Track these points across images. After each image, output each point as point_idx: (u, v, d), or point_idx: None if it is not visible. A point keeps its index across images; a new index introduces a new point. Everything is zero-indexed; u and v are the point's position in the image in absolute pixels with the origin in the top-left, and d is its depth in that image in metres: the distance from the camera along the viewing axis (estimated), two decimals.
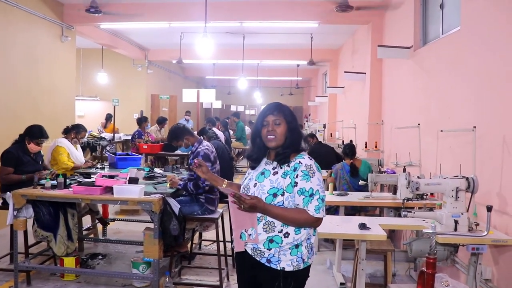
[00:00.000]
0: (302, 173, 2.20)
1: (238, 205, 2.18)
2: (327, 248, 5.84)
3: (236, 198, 2.18)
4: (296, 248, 2.23)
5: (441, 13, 5.24)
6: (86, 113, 12.97)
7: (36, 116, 6.94)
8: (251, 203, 2.16)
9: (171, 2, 7.66)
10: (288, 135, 2.30)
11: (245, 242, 2.28)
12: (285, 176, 2.23)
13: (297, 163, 2.23)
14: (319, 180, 2.22)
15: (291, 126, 2.33)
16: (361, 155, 7.59)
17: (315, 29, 9.14)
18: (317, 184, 2.20)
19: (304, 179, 2.19)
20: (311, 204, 2.18)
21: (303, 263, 2.24)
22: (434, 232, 2.74)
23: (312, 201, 2.18)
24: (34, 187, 4.25)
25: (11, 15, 6.56)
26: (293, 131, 2.32)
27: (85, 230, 5.69)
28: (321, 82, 15.67)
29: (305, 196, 2.18)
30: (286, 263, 2.21)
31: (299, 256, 2.23)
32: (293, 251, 2.22)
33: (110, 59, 12.42)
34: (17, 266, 4.15)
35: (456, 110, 4.54)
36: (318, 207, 2.18)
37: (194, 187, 4.30)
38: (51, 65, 7.74)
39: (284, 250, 2.22)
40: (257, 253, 2.25)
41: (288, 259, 2.21)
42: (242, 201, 2.16)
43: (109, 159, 5.95)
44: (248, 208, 2.17)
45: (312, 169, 2.22)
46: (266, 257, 2.23)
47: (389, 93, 7.08)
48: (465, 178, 3.43)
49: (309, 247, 2.28)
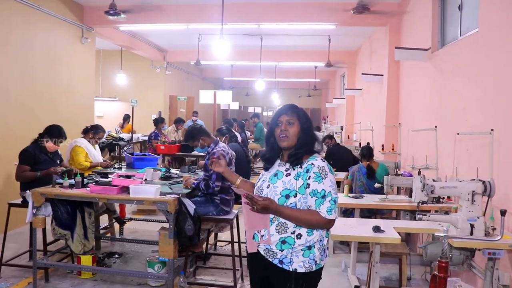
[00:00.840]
0: (314, 175, 2.21)
1: (251, 206, 2.20)
2: (342, 251, 5.81)
3: (248, 199, 2.20)
4: (309, 249, 2.23)
5: (460, 14, 5.17)
6: (105, 114, 13.15)
7: (55, 116, 7.07)
8: (263, 204, 2.18)
9: (189, 4, 7.73)
10: (300, 135, 2.31)
11: (258, 243, 2.29)
12: (298, 178, 2.24)
13: (310, 164, 2.24)
14: (331, 182, 2.22)
15: (304, 127, 2.33)
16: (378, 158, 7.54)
17: (332, 31, 9.10)
18: (329, 185, 2.20)
19: (316, 180, 2.20)
20: (323, 206, 2.19)
21: (316, 264, 2.25)
22: (446, 236, 2.71)
23: (324, 203, 2.19)
24: (53, 186, 4.35)
25: (32, 17, 6.71)
26: (306, 132, 2.33)
27: (102, 229, 5.78)
28: (339, 84, 15.60)
29: (317, 198, 2.19)
30: (298, 264, 2.22)
31: (311, 258, 2.23)
32: (305, 253, 2.23)
33: (129, 60, 12.57)
34: (36, 263, 4.25)
35: (474, 112, 4.47)
36: (330, 208, 2.18)
37: (205, 187, 4.37)
38: (70, 66, 7.88)
39: (297, 251, 2.22)
40: (270, 254, 2.27)
41: (300, 260, 2.22)
42: (254, 202, 2.18)
43: (127, 159, 6.03)
44: (260, 209, 2.19)
45: (324, 170, 2.22)
46: (279, 258, 2.24)
47: (406, 95, 7.01)
48: (482, 182, 3.38)
49: (321, 249, 2.28)
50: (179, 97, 13.69)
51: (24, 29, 6.56)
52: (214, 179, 4.32)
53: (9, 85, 6.27)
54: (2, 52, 6.14)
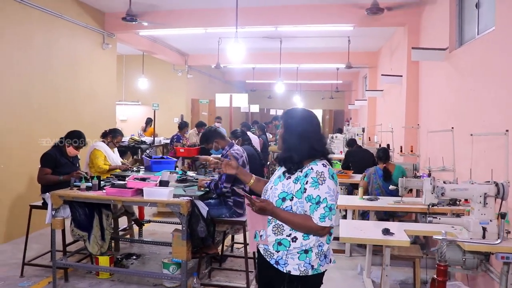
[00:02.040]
0: (311, 180, 2.20)
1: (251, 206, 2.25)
2: (359, 254, 5.76)
3: (248, 200, 2.24)
4: (305, 253, 2.23)
5: (477, 12, 5.07)
6: (128, 118, 13.40)
7: (77, 121, 7.27)
8: (260, 206, 2.22)
9: (206, 8, 7.81)
10: (284, 137, 2.35)
11: (258, 243, 2.33)
12: (296, 182, 2.25)
13: (309, 169, 2.23)
14: (328, 188, 2.19)
15: (289, 130, 2.34)
16: (397, 160, 7.45)
17: (352, 32, 9.04)
18: (325, 192, 2.18)
19: (313, 186, 2.19)
20: (316, 212, 2.17)
21: (312, 269, 2.23)
22: (444, 239, 2.66)
23: (318, 209, 2.17)
24: (71, 188, 4.48)
25: (54, 25, 6.91)
26: (290, 136, 2.32)
27: (121, 230, 5.90)
28: (361, 85, 15.46)
29: (312, 204, 2.18)
30: (292, 267, 2.23)
31: (307, 262, 2.23)
32: (301, 256, 2.23)
33: (151, 64, 12.78)
34: (55, 263, 4.38)
35: (490, 113, 4.37)
36: (323, 215, 2.16)
37: (214, 187, 4.45)
38: (92, 71, 8.07)
39: (292, 254, 2.23)
40: (267, 254, 2.30)
41: (295, 263, 2.22)
42: (252, 203, 2.22)
43: (145, 162, 6.14)
44: (257, 210, 2.23)
45: (322, 176, 2.20)
46: (275, 258, 2.27)
47: (425, 96, 6.90)
48: (495, 184, 3.31)
49: (320, 254, 2.26)
50: (201, 100, 13.83)
51: (46, 36, 6.76)
52: (223, 180, 4.38)
53: (32, 90, 6.48)
54: (26, 58, 6.35)
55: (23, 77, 6.29)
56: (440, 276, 2.53)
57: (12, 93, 6.11)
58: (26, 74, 6.36)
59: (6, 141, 5.97)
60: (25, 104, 6.34)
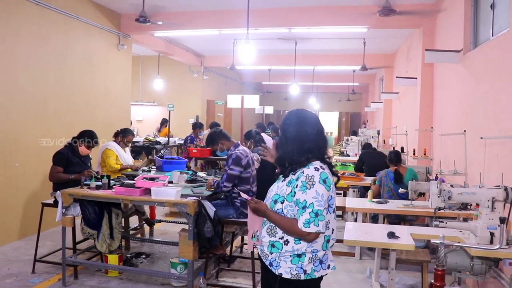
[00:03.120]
0: (301, 183, 2.17)
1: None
2: (369, 257, 5.71)
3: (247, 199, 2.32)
4: (298, 257, 2.20)
5: (492, 13, 4.97)
6: (144, 118, 13.54)
7: (93, 120, 7.38)
8: (253, 206, 2.29)
9: (220, 10, 7.85)
10: (279, 142, 2.39)
11: (254, 243, 2.37)
12: (289, 185, 2.23)
13: (301, 172, 2.20)
14: (316, 193, 2.13)
15: (282, 133, 2.36)
16: (411, 163, 7.36)
17: (367, 34, 8.98)
18: (312, 196, 2.12)
19: (301, 190, 2.16)
20: (302, 217, 2.13)
21: (304, 274, 2.19)
22: (442, 243, 2.62)
23: (303, 214, 2.13)
24: (81, 187, 4.54)
25: (71, 26, 7.03)
26: (284, 139, 2.33)
27: (132, 229, 5.96)
28: (377, 88, 15.32)
29: (299, 208, 2.15)
30: (284, 269, 2.21)
31: (299, 266, 2.19)
32: (294, 260, 2.20)
33: (167, 65, 12.89)
34: (65, 261, 4.46)
35: (504, 116, 4.28)
36: (308, 220, 2.11)
37: (216, 185, 4.50)
38: (108, 72, 8.18)
39: (285, 256, 2.21)
40: (264, 255, 2.30)
41: (287, 266, 2.20)
42: (248, 203, 2.30)
43: (156, 163, 6.19)
44: (252, 211, 2.30)
45: (312, 180, 2.14)
46: (269, 260, 2.26)
47: (439, 99, 6.80)
48: (504, 188, 3.24)
49: (314, 260, 2.21)
50: (216, 102, 13.89)
51: (63, 37, 6.88)
52: (224, 179, 4.42)
53: (48, 91, 6.60)
54: (42, 59, 6.47)
55: (39, 78, 6.41)
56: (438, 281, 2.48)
57: (29, 93, 6.23)
58: (42, 74, 6.48)
59: (22, 140, 6.08)
60: (41, 104, 6.46)
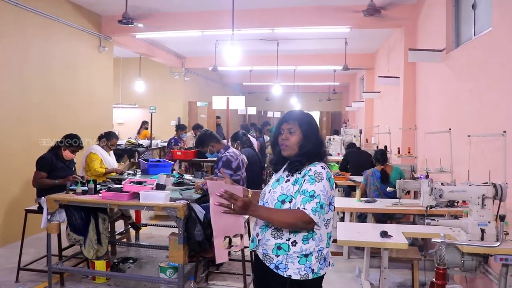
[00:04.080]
0: (309, 177, 2.18)
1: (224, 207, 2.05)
2: (357, 256, 5.74)
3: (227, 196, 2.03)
4: (305, 257, 2.20)
5: (474, 13, 5.06)
6: (125, 120, 13.37)
7: (75, 124, 7.25)
8: (244, 200, 2.04)
9: (203, 11, 7.80)
10: (302, 144, 2.29)
11: (229, 251, 2.28)
12: (295, 184, 2.22)
13: (308, 170, 2.22)
14: (324, 187, 2.16)
15: (306, 134, 2.29)
16: (395, 161, 7.44)
17: (349, 34, 9.05)
18: (320, 189, 2.14)
19: (309, 182, 2.16)
20: (309, 204, 2.11)
21: (312, 273, 2.20)
22: (443, 242, 2.64)
23: (310, 202, 2.11)
24: (67, 192, 4.44)
25: (52, 28, 6.90)
26: (308, 140, 2.29)
27: (118, 234, 5.86)
28: (358, 87, 15.47)
29: (305, 196, 2.13)
30: (293, 271, 2.19)
31: (308, 266, 2.19)
32: (301, 260, 2.19)
33: (148, 67, 12.76)
34: (51, 268, 4.34)
35: (488, 114, 4.36)
36: (315, 209, 2.10)
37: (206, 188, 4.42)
38: (89, 74, 8.05)
39: (292, 258, 2.20)
40: (267, 258, 2.26)
41: (295, 267, 2.19)
42: (234, 199, 2.03)
43: (141, 166, 6.11)
44: (240, 208, 2.04)
45: (321, 175, 2.18)
46: (275, 263, 2.23)
47: (422, 98, 6.90)
48: (493, 185, 3.29)
49: (320, 258, 2.23)
50: (199, 103, 13.81)
51: (44, 40, 6.75)
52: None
53: (30, 94, 6.46)
54: (23, 62, 6.33)
55: (21, 80, 6.27)
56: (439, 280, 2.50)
57: (10, 97, 6.09)
58: (24, 77, 6.34)
59: (4, 144, 5.95)
60: (23, 107, 6.32)
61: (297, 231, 2.20)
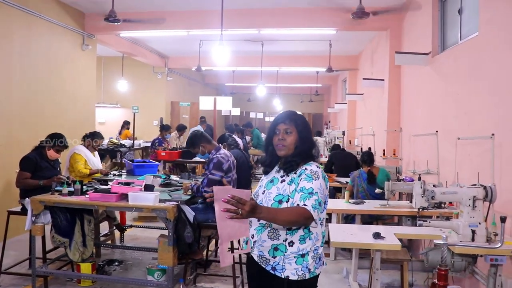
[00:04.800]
0: (305, 176, 2.20)
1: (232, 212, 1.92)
2: (344, 257, 5.76)
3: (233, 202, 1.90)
4: (302, 257, 2.20)
5: (460, 18, 5.15)
6: (107, 120, 13.16)
7: (57, 123, 7.09)
8: (252, 204, 1.92)
9: (189, 10, 7.74)
10: (298, 144, 2.30)
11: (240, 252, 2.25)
12: (291, 183, 2.23)
13: (303, 169, 2.24)
14: (320, 185, 2.17)
15: (302, 135, 2.31)
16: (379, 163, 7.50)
17: (333, 36, 9.10)
18: (318, 187, 2.15)
19: (306, 180, 2.18)
20: (308, 201, 2.10)
21: (309, 273, 2.21)
22: (445, 243, 2.67)
23: (310, 199, 2.10)
24: (52, 193, 4.34)
25: (34, 25, 6.74)
26: (304, 141, 2.31)
27: (103, 236, 5.76)
28: (340, 89, 15.58)
29: (304, 193, 2.12)
30: (290, 271, 2.19)
31: (305, 266, 2.20)
32: (298, 260, 2.19)
33: (130, 66, 12.60)
34: (35, 271, 4.23)
35: (475, 117, 4.44)
36: (314, 206, 2.09)
37: (196, 190, 4.47)
38: (72, 73, 7.90)
39: (289, 258, 2.19)
40: (263, 260, 2.25)
41: (293, 267, 2.19)
42: (242, 203, 1.90)
43: (127, 166, 6.01)
44: (248, 211, 1.91)
45: (317, 174, 2.20)
46: (271, 264, 2.22)
47: (407, 100, 6.98)
48: (483, 187, 3.34)
49: (316, 257, 2.24)
50: (181, 103, 13.68)
51: (25, 37, 6.58)
52: (204, 183, 4.39)
53: (10, 91, 6.30)
54: (5, 60, 6.17)
55: (1, 78, 6.10)
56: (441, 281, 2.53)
57: None
58: (4, 74, 6.17)
59: None
60: (3, 105, 6.15)
61: (293, 231, 2.20)
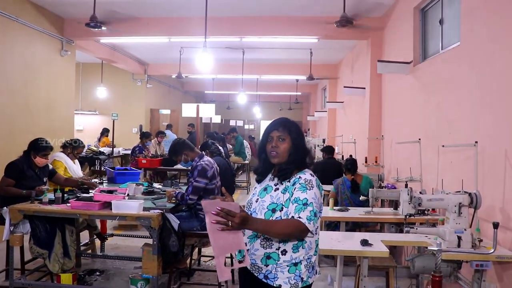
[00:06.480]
0: (299, 185, 2.17)
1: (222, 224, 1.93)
2: (327, 264, 5.76)
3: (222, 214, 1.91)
4: (295, 266, 2.18)
5: (441, 28, 5.25)
6: (85, 127, 12.94)
7: (35, 130, 6.92)
8: (242, 216, 1.92)
9: (171, 17, 7.69)
10: (292, 151, 2.27)
11: (238, 265, 2.19)
12: (285, 192, 2.21)
13: (297, 178, 2.21)
14: (315, 195, 2.15)
15: (296, 142, 2.29)
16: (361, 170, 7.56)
17: (314, 44, 9.18)
18: (312, 197, 2.14)
19: (300, 189, 2.15)
20: (303, 213, 2.09)
21: (302, 282, 2.18)
22: (439, 250, 2.69)
23: (305, 210, 2.10)
24: (32, 202, 4.21)
25: (10, 29, 6.58)
26: (298, 148, 2.29)
27: (83, 245, 5.62)
28: (320, 97, 15.71)
29: (298, 205, 2.11)
30: (283, 280, 2.16)
31: (297, 274, 2.17)
32: (291, 269, 2.17)
33: (109, 73, 12.44)
34: (13, 283, 4.10)
35: (457, 125, 4.52)
36: (309, 217, 2.09)
37: (180, 197, 4.40)
38: (50, 79, 7.74)
39: (282, 267, 2.17)
40: (255, 268, 2.22)
41: (285, 276, 2.16)
42: (231, 215, 1.91)
43: (108, 174, 5.91)
44: (239, 223, 1.92)
45: (311, 183, 2.18)
46: (264, 273, 2.19)
47: (389, 108, 7.07)
48: (468, 194, 3.39)
49: (309, 266, 2.22)
50: (161, 110, 13.54)
51: (1, 41, 6.42)
52: (189, 191, 4.33)
53: None
54: None
55: None
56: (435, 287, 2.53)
57: None
58: None
59: None
60: None
61: (286, 240, 2.18)
